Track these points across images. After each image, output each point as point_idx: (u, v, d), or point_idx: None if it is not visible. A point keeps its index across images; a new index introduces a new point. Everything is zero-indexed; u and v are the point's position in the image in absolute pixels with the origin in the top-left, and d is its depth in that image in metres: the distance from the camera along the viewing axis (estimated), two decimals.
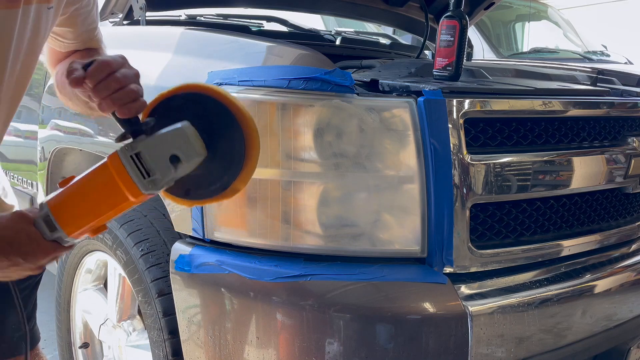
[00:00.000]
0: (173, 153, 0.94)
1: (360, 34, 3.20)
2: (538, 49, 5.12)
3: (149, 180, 0.94)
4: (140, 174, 0.93)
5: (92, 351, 2.02)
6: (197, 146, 0.97)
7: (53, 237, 0.95)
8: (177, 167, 0.95)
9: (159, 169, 0.94)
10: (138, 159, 0.94)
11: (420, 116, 1.32)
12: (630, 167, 1.65)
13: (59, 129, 1.98)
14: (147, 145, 0.95)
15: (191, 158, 0.96)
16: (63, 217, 0.95)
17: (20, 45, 1.02)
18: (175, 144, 0.95)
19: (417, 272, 1.34)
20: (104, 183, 0.94)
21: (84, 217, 0.96)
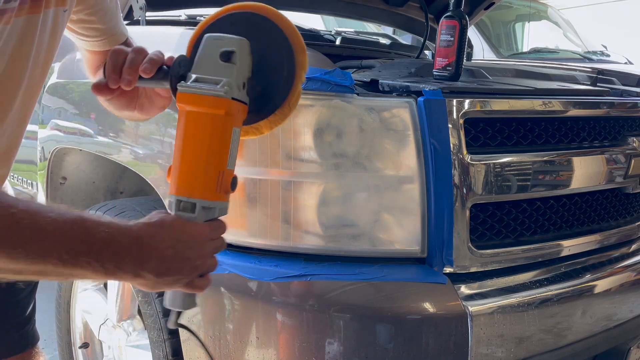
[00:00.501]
0: (219, 52, 0.93)
1: (360, 34, 3.20)
2: (538, 49, 5.12)
3: (221, 84, 0.90)
4: (211, 87, 0.90)
5: (92, 351, 2.02)
6: (231, 36, 0.94)
7: (199, 216, 0.91)
8: (234, 61, 0.93)
9: (221, 74, 0.91)
10: (200, 82, 0.91)
11: (420, 116, 1.32)
12: (630, 167, 1.65)
13: (59, 129, 1.98)
14: (197, 69, 0.93)
15: (236, 45, 0.94)
16: (191, 190, 0.91)
17: (41, 49, 1.03)
18: (214, 48, 0.93)
19: (417, 272, 1.34)
20: (193, 125, 0.91)
21: (205, 171, 0.91)
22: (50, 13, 1.02)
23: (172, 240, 0.86)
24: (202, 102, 0.90)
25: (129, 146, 1.66)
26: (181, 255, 0.87)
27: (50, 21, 1.03)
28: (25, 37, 0.98)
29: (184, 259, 0.87)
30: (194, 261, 0.89)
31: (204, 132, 0.91)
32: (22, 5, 0.94)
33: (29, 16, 0.96)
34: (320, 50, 1.44)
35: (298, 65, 0.98)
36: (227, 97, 0.90)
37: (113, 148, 1.73)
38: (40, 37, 1.01)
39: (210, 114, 0.90)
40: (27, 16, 0.96)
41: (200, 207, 0.91)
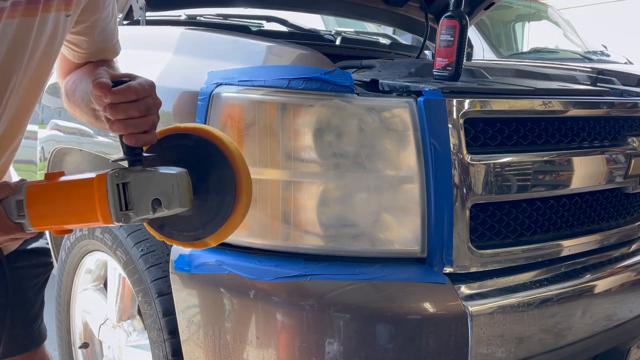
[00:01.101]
0: (157, 197, 0.94)
1: (360, 34, 3.20)
2: (538, 49, 5.12)
3: (123, 213, 0.93)
4: (119, 204, 0.93)
5: (92, 351, 2.02)
6: (183, 198, 0.97)
7: (17, 221, 0.96)
8: (156, 210, 0.95)
9: (138, 206, 0.94)
10: (123, 189, 0.93)
11: (420, 116, 1.32)
12: (630, 167, 1.65)
13: (59, 129, 1.98)
14: (138, 180, 0.94)
15: (172, 207, 0.96)
16: (34, 209, 0.95)
17: (35, 51, 1.02)
18: (163, 188, 0.95)
19: (417, 272, 1.34)
20: (83, 196, 0.94)
21: (52, 218, 0.97)
22: (51, 17, 1.00)
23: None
24: (101, 203, 0.93)
25: None
26: None
27: (51, 25, 1.02)
28: (19, 41, 0.97)
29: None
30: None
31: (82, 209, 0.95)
32: (14, 7, 0.93)
33: (23, 19, 0.95)
34: (320, 50, 1.44)
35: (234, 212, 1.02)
36: (114, 222, 0.94)
37: (113, 148, 1.73)
38: (36, 41, 1.00)
39: (95, 212, 0.93)
40: (20, 19, 0.95)
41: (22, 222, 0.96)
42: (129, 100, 0.92)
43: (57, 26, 1.04)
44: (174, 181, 0.96)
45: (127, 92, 0.92)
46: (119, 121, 0.93)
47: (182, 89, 1.48)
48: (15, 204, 0.96)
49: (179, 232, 1.05)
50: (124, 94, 0.92)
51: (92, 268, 1.96)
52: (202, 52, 1.59)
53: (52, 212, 0.96)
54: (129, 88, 0.92)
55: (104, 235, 1.72)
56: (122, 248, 1.66)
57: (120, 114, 0.92)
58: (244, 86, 1.36)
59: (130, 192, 0.93)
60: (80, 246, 1.88)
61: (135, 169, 0.95)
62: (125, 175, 0.93)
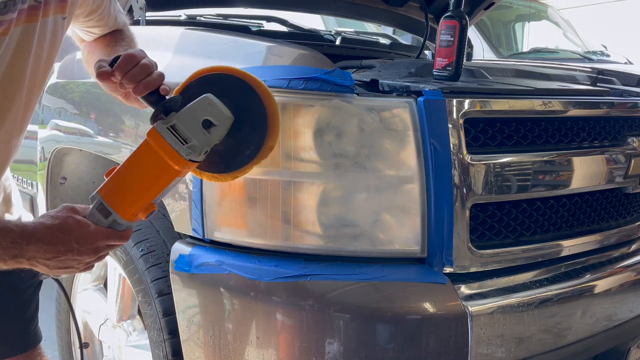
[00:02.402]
0: (204, 118, 1.04)
1: (360, 34, 3.20)
2: (538, 49, 5.12)
3: (188, 146, 1.03)
4: (179, 141, 1.02)
5: (92, 351, 2.02)
6: (223, 109, 1.07)
7: (108, 223, 1.03)
8: (211, 131, 1.05)
9: (194, 135, 1.03)
10: (174, 130, 1.03)
11: (420, 116, 1.32)
12: (630, 167, 1.65)
13: (59, 129, 1.98)
14: (180, 117, 1.04)
15: (221, 120, 1.06)
16: (115, 201, 1.03)
17: (40, 54, 1.05)
18: (204, 111, 1.05)
19: (417, 272, 1.34)
20: (148, 158, 1.03)
21: (135, 196, 1.04)
22: (49, 21, 1.03)
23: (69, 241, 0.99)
24: (165, 149, 1.03)
25: (129, 146, 1.66)
26: (74, 253, 1.00)
27: (50, 29, 1.04)
28: (22, 46, 0.99)
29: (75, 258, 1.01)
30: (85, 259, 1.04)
31: (154, 171, 1.04)
32: (19, 15, 0.96)
33: (25, 25, 0.98)
34: (320, 50, 1.44)
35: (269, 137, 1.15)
36: (186, 159, 1.03)
37: (113, 148, 1.73)
38: (39, 45, 1.03)
39: (166, 162, 1.03)
40: (23, 25, 0.98)
41: (113, 219, 1.04)
42: (132, 66, 1.04)
43: (56, 29, 1.07)
44: (207, 101, 1.06)
45: (127, 61, 1.04)
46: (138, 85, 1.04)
47: None
48: (98, 210, 1.03)
49: (243, 155, 1.15)
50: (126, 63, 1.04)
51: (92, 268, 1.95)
52: (202, 52, 1.59)
53: (131, 191, 1.04)
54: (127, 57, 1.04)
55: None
56: (122, 248, 1.66)
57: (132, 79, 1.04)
58: None
59: (181, 129, 1.03)
60: None
61: (171, 114, 1.05)
62: (168, 119, 1.04)
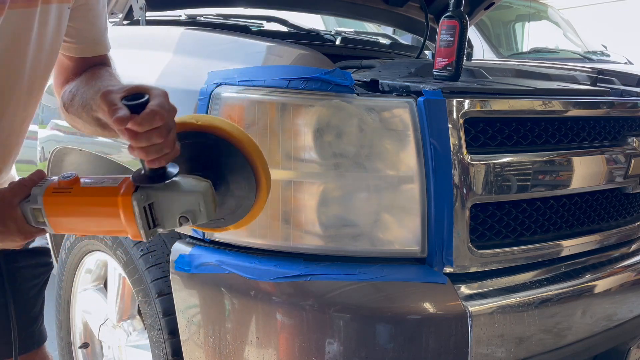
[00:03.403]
0: (184, 214, 0.93)
1: (360, 34, 3.20)
2: (538, 49, 5.12)
3: (152, 230, 0.92)
4: (147, 223, 0.91)
5: (92, 351, 2.02)
6: (209, 212, 0.95)
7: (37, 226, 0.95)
8: (182, 225, 0.94)
9: (165, 222, 0.93)
10: (150, 209, 0.91)
11: (420, 116, 1.32)
12: (630, 167, 1.65)
13: (59, 129, 1.98)
14: (163, 199, 0.92)
15: (199, 221, 0.95)
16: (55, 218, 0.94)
17: (42, 42, 1.01)
18: (190, 206, 0.93)
19: (417, 272, 1.34)
20: (108, 215, 0.92)
21: (75, 228, 0.97)
22: (53, 8, 1.00)
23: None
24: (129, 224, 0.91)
25: None
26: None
27: (55, 17, 1.01)
28: (19, 30, 0.97)
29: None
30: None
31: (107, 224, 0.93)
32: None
33: (23, 10, 0.95)
34: (320, 50, 1.44)
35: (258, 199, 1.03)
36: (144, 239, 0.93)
37: (113, 148, 1.73)
38: (41, 32, 1.00)
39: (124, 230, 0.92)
40: (22, 9, 0.95)
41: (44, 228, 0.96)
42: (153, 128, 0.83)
43: (61, 18, 1.04)
44: (200, 199, 0.93)
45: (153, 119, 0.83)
46: (140, 149, 0.86)
47: (182, 89, 1.48)
48: (32, 212, 0.94)
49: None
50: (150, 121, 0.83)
51: (92, 268, 1.96)
52: (202, 52, 1.59)
53: (75, 223, 0.95)
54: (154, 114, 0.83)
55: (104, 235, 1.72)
56: (122, 248, 1.66)
57: (143, 141, 0.84)
58: (244, 86, 1.36)
59: (156, 210, 0.92)
60: (80, 246, 1.88)
61: (158, 186, 0.91)
62: (149, 195, 0.91)
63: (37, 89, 1.08)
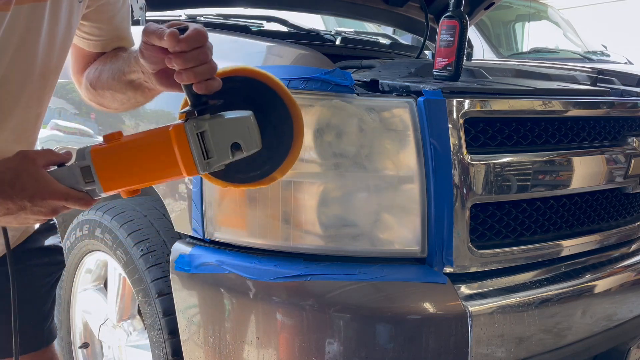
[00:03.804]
0: (236, 141, 0.95)
1: (360, 34, 3.20)
2: (538, 49, 5.12)
3: (207, 161, 0.93)
4: (201, 152, 0.92)
5: (92, 351, 2.02)
6: (257, 139, 0.97)
7: (84, 189, 0.93)
8: (235, 154, 0.95)
9: (218, 152, 0.94)
10: (202, 138, 0.93)
11: (420, 116, 1.32)
12: (630, 167, 1.65)
13: (59, 129, 1.98)
14: (213, 127, 0.93)
15: (250, 149, 0.96)
16: (105, 172, 0.93)
17: (53, 37, 1.01)
18: (239, 133, 0.95)
19: (417, 272, 1.34)
20: (162, 152, 0.92)
21: (128, 178, 0.94)
22: (64, 3, 1.00)
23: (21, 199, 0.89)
24: (184, 154, 0.92)
25: None
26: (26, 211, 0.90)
27: (65, 11, 1.01)
28: (31, 26, 0.96)
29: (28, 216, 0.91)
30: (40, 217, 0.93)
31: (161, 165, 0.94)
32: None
33: (33, 5, 0.95)
34: (320, 50, 1.44)
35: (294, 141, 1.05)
36: (198, 172, 0.94)
37: None
38: (52, 27, 1.00)
39: (178, 165, 0.93)
40: (32, 5, 0.95)
41: (92, 188, 0.93)
42: (200, 45, 0.89)
43: (72, 12, 1.03)
44: (248, 124, 0.96)
45: (197, 37, 0.89)
46: (188, 70, 0.90)
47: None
48: (81, 172, 0.92)
49: (244, 174, 1.05)
50: (196, 38, 0.89)
51: (92, 268, 1.96)
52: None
53: (127, 173, 0.94)
54: (198, 33, 0.89)
55: (104, 235, 1.72)
56: (122, 248, 1.66)
57: (191, 61, 0.89)
58: None
59: (209, 140, 0.93)
60: (80, 246, 1.88)
61: (205, 117, 0.94)
62: (200, 124, 0.93)
63: (49, 84, 1.07)
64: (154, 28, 0.91)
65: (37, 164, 0.91)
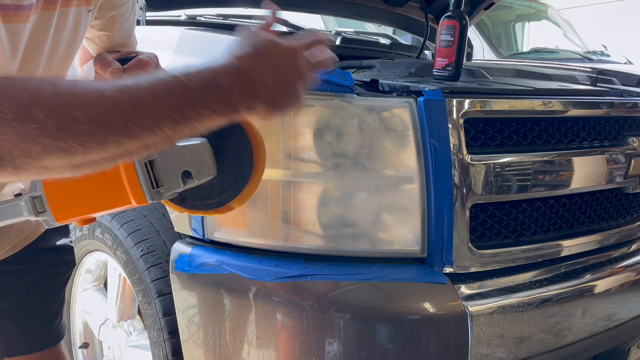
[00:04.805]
0: (186, 169, 0.93)
1: (360, 34, 3.20)
2: (538, 49, 5.12)
3: (156, 190, 0.91)
4: (150, 181, 0.90)
5: (92, 351, 2.02)
6: (211, 166, 0.96)
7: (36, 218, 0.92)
8: (186, 183, 0.94)
9: (168, 181, 0.92)
10: (151, 167, 0.91)
11: (420, 116, 1.32)
12: (630, 167, 1.65)
13: None
14: (163, 155, 0.91)
15: (202, 177, 0.95)
16: (56, 203, 0.92)
17: (57, 45, 1.01)
18: (190, 160, 0.93)
19: (417, 272, 1.34)
20: (110, 182, 0.91)
21: (79, 208, 0.93)
22: (71, 12, 1.00)
23: (271, 68, 0.85)
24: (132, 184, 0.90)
25: None
26: (284, 80, 0.86)
27: (72, 20, 1.01)
28: (37, 33, 0.96)
29: (287, 83, 0.86)
30: (296, 82, 0.88)
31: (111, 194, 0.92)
32: (37, 2, 0.93)
33: (42, 12, 0.95)
34: None
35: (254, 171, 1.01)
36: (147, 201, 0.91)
37: None
38: (58, 35, 1.00)
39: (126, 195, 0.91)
40: (40, 12, 0.95)
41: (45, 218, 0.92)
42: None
43: (79, 21, 1.03)
44: (199, 151, 0.95)
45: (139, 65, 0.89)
46: None
47: None
48: (32, 202, 0.91)
49: (202, 201, 1.03)
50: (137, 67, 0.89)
51: (92, 268, 1.96)
52: (202, 52, 1.59)
53: (78, 203, 0.92)
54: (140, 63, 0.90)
55: (104, 235, 1.72)
56: (122, 248, 1.66)
57: None
58: None
59: (158, 169, 0.91)
60: (80, 246, 1.88)
61: None
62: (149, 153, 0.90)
63: None
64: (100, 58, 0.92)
65: None
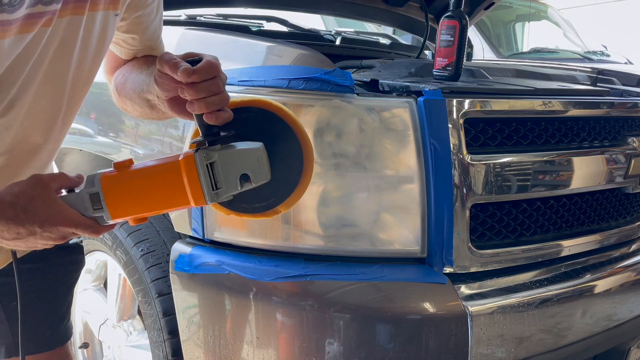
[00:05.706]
0: (245, 172, 0.94)
1: (360, 34, 3.20)
2: (538, 49, 5.12)
3: (215, 191, 0.93)
4: (210, 183, 0.92)
5: (92, 351, 2.02)
6: (267, 171, 0.97)
7: (92, 215, 0.93)
8: (243, 185, 0.95)
9: (227, 183, 0.93)
10: (211, 169, 0.92)
11: (420, 116, 1.32)
12: (630, 167, 1.65)
13: None
14: (223, 158, 0.93)
15: (259, 181, 0.96)
16: (114, 200, 0.93)
17: (86, 50, 1.01)
18: (248, 164, 0.95)
19: (417, 272, 1.34)
20: (171, 182, 0.92)
21: (136, 207, 0.94)
22: (99, 16, 1.00)
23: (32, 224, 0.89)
24: (193, 185, 0.92)
25: (129, 146, 1.66)
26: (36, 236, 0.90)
27: (99, 24, 1.01)
28: (67, 39, 0.97)
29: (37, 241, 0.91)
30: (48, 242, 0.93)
31: (170, 195, 0.93)
32: (64, 6, 0.93)
33: (71, 17, 0.95)
34: (320, 50, 1.44)
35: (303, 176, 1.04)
36: (207, 202, 0.93)
37: (113, 148, 1.73)
38: (86, 40, 1.00)
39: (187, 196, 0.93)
40: (69, 17, 0.95)
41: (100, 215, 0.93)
42: (212, 76, 0.91)
43: (107, 25, 1.03)
44: (258, 155, 0.96)
45: (210, 69, 0.91)
46: (200, 100, 0.91)
47: None
48: (89, 198, 0.92)
49: (249, 204, 1.04)
50: (207, 71, 0.90)
51: (92, 268, 1.96)
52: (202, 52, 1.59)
53: (135, 202, 0.93)
54: (210, 65, 0.91)
55: (104, 235, 1.72)
56: (122, 248, 1.66)
57: (203, 92, 0.91)
58: (244, 86, 1.36)
59: (218, 170, 0.93)
60: None
61: (216, 148, 0.94)
62: (210, 155, 0.92)
63: (77, 96, 1.07)
64: (168, 58, 0.92)
65: (50, 189, 0.91)
